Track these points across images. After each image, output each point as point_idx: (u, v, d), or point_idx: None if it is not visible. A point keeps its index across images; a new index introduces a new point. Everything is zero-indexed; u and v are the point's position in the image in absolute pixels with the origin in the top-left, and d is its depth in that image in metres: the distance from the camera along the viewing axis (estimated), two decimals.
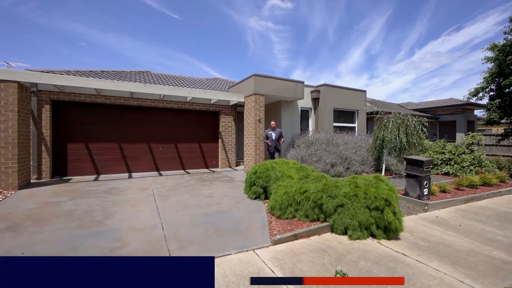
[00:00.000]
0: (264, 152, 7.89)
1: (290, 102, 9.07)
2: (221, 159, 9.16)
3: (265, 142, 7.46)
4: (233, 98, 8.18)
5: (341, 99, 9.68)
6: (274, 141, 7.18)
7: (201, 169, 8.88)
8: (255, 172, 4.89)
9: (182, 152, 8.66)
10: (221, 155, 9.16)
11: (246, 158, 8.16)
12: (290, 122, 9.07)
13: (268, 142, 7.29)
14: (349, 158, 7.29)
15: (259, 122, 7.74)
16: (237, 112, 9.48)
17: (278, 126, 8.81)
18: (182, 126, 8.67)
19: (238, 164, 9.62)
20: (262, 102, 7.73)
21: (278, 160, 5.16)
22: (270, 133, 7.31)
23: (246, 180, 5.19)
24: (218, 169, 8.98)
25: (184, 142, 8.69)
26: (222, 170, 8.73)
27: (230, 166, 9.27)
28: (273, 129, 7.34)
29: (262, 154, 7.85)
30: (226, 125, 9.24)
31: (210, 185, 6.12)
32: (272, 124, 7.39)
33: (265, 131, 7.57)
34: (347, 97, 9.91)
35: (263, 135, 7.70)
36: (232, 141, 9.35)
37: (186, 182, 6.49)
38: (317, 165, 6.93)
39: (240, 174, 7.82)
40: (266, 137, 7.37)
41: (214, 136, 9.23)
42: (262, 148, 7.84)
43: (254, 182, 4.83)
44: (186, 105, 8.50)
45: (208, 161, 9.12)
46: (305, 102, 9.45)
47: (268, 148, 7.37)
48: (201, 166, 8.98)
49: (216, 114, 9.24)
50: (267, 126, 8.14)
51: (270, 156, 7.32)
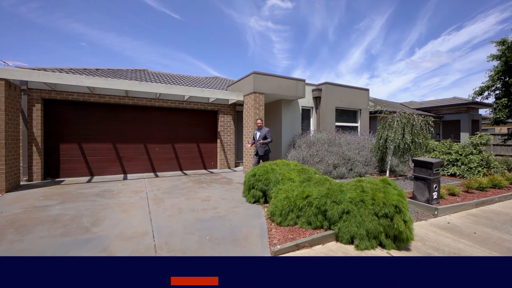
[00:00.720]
0: None
1: (291, 101, 8.80)
2: (219, 160, 8.90)
3: (253, 144, 6.34)
4: (232, 97, 7.91)
5: (343, 98, 9.41)
6: (256, 142, 6.06)
7: (199, 170, 8.62)
8: (254, 174, 4.64)
9: (179, 152, 8.40)
10: (219, 156, 8.90)
11: (245, 159, 7.89)
12: (291, 121, 8.79)
13: (247, 144, 6.31)
14: (352, 159, 7.03)
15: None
16: (236, 111, 9.22)
17: (278, 125, 8.52)
18: (179, 125, 8.40)
19: (237, 164, 9.36)
20: (262, 101, 7.46)
21: (278, 161, 4.89)
22: (256, 132, 6.27)
23: (245, 182, 4.92)
24: (217, 170, 8.73)
25: (181, 142, 8.43)
26: (220, 171, 8.47)
27: (229, 167, 9.01)
28: (259, 128, 6.27)
29: None
30: (225, 124, 8.97)
31: (207, 187, 5.87)
32: (258, 122, 6.25)
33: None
34: (350, 95, 9.64)
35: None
36: (231, 141, 9.08)
37: (182, 184, 6.24)
38: (319, 166, 6.67)
39: (239, 175, 7.57)
40: (253, 139, 6.35)
41: (212, 136, 8.97)
42: None
43: (253, 185, 4.57)
44: (184, 104, 8.24)
45: (206, 161, 8.86)
46: (306, 101, 9.17)
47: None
48: (199, 167, 8.72)
49: (214, 114, 8.98)
50: (267, 126, 7.86)
51: (254, 162, 6.16)
